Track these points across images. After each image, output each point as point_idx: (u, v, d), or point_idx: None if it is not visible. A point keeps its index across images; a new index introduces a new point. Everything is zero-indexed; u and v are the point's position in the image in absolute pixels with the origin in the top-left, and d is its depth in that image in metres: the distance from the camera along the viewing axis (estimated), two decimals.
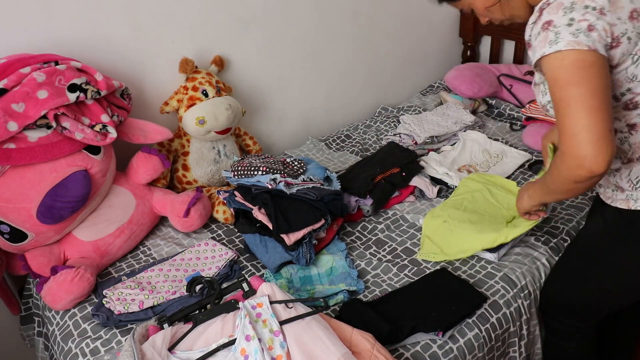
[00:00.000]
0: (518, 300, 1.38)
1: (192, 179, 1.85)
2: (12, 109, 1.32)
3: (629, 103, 1.04)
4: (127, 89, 1.63)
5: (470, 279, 1.42)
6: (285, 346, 0.97)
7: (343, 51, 2.31)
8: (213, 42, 1.90)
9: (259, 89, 2.11)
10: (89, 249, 1.52)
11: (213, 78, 1.82)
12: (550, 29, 0.95)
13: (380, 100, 2.56)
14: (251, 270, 1.54)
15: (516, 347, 1.40)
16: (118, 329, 1.34)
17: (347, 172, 1.87)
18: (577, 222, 1.61)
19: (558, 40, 0.93)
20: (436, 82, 2.70)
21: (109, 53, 1.67)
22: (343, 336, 1.06)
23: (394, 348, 1.23)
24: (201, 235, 1.70)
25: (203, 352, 0.97)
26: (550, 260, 1.48)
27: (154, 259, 1.60)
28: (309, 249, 1.47)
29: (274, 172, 1.55)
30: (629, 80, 1.01)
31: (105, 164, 1.53)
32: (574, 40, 0.92)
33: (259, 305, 1.03)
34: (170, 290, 1.42)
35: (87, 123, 1.44)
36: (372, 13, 2.33)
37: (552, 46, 0.94)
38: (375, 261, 1.53)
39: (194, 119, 1.73)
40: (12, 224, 1.40)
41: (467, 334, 1.27)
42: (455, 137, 2.12)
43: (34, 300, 1.61)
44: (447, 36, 2.72)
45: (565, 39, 0.93)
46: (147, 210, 1.66)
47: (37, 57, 1.43)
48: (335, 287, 1.40)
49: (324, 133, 2.39)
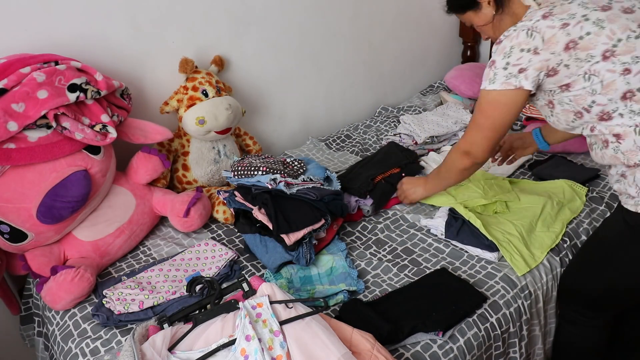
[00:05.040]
0: (518, 300, 1.38)
1: (192, 179, 1.85)
2: (12, 109, 1.32)
3: (602, 114, 1.18)
4: (127, 89, 1.63)
5: (470, 279, 1.42)
6: (285, 346, 0.97)
7: (343, 51, 2.31)
8: (213, 42, 1.90)
9: (259, 89, 2.11)
10: (89, 249, 1.52)
11: (213, 78, 1.82)
12: (492, 68, 1.21)
13: (380, 100, 2.56)
14: (251, 270, 1.54)
15: (516, 347, 1.40)
16: (118, 329, 1.34)
17: (347, 172, 1.87)
18: (577, 223, 1.61)
19: (495, 80, 1.21)
20: (436, 82, 2.70)
21: (109, 53, 1.67)
22: (343, 336, 1.06)
23: (394, 348, 1.22)
24: (201, 235, 1.70)
25: (203, 352, 0.97)
26: (550, 260, 1.48)
27: (154, 259, 1.60)
28: (309, 249, 1.47)
29: (274, 172, 1.55)
30: (591, 94, 1.16)
31: (105, 164, 1.53)
32: (506, 81, 1.19)
33: (259, 305, 1.03)
34: (170, 290, 1.42)
35: (87, 123, 1.44)
36: (372, 13, 2.33)
37: (491, 84, 1.22)
38: (375, 261, 1.52)
39: (194, 118, 1.73)
40: (12, 224, 1.40)
41: (467, 334, 1.27)
42: (456, 137, 2.12)
43: (34, 300, 1.61)
44: (447, 36, 2.72)
45: (499, 81, 1.20)
46: (147, 210, 1.66)
47: (37, 57, 1.43)
48: (335, 287, 1.40)
49: (324, 133, 2.39)
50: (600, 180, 1.80)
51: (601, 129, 1.20)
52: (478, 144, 1.35)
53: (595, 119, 1.20)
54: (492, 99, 1.25)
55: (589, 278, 1.38)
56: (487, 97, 1.26)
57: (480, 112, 1.30)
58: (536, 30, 1.16)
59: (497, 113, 1.26)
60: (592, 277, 1.37)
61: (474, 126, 1.35)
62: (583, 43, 1.13)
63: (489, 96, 1.25)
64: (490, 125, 1.30)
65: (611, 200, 1.70)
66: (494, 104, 1.26)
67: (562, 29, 1.14)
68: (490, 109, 1.27)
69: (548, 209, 1.61)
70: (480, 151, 1.36)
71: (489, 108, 1.27)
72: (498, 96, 1.23)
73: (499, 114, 1.26)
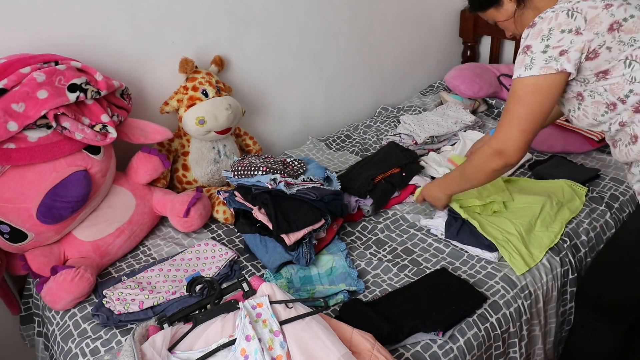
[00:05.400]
0: (518, 300, 1.38)
1: (192, 179, 1.85)
2: (12, 109, 1.32)
3: (638, 105, 1.14)
4: (127, 89, 1.63)
5: (470, 279, 1.42)
6: (285, 346, 0.97)
7: (343, 51, 2.30)
8: (213, 42, 1.90)
9: (259, 89, 2.11)
10: (89, 249, 1.52)
11: (213, 78, 1.82)
12: (528, 53, 1.15)
13: (380, 100, 2.56)
14: (251, 270, 1.54)
15: (516, 347, 1.40)
16: (118, 329, 1.34)
17: (347, 172, 1.87)
18: (577, 223, 1.61)
19: (532, 66, 1.13)
20: (436, 82, 2.70)
21: (109, 53, 1.67)
22: (343, 336, 1.06)
23: (394, 348, 1.22)
24: (201, 235, 1.70)
25: (203, 352, 0.97)
26: (550, 260, 1.48)
27: (154, 259, 1.60)
28: (309, 249, 1.47)
29: (274, 172, 1.55)
30: (629, 82, 1.13)
31: (105, 164, 1.53)
32: (545, 66, 1.12)
33: (259, 305, 1.03)
34: (170, 290, 1.42)
35: (87, 123, 1.44)
36: (372, 13, 2.33)
37: (527, 70, 1.14)
38: (375, 261, 1.52)
39: (194, 119, 1.73)
40: (12, 224, 1.40)
41: (467, 334, 1.27)
42: (456, 137, 2.12)
43: (34, 300, 1.61)
44: (447, 36, 2.71)
45: (537, 66, 1.13)
46: (147, 210, 1.66)
47: (37, 57, 1.43)
48: (335, 287, 1.40)
49: (324, 133, 2.39)
50: (600, 180, 1.80)
51: (635, 121, 1.16)
52: (513, 141, 1.22)
53: (630, 110, 1.16)
54: (529, 85, 1.16)
55: (610, 284, 1.35)
56: (524, 84, 1.17)
57: (515, 102, 1.20)
58: (577, 10, 1.11)
59: (535, 100, 1.16)
60: (613, 283, 1.34)
61: (508, 120, 1.23)
62: (627, 25, 1.10)
63: (525, 83, 1.16)
64: (527, 116, 1.19)
65: (611, 200, 1.70)
66: (532, 91, 1.16)
67: (606, 10, 1.10)
68: (528, 97, 1.17)
69: (547, 208, 1.61)
70: (515, 149, 1.23)
71: (527, 95, 1.17)
72: (537, 81, 1.15)
73: (537, 102, 1.16)
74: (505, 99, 2.40)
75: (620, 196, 1.72)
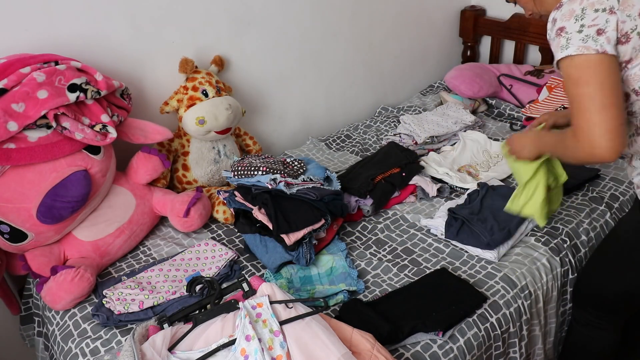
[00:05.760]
0: (518, 300, 1.38)
1: (192, 179, 1.85)
2: (12, 109, 1.32)
3: None
4: (127, 89, 1.63)
5: (470, 279, 1.42)
6: (285, 346, 0.97)
7: (343, 51, 2.31)
8: (213, 42, 1.90)
9: (259, 89, 2.11)
10: (89, 249, 1.52)
11: (213, 78, 1.82)
12: (562, 35, 1.05)
13: (380, 100, 2.56)
14: (251, 270, 1.54)
15: (516, 347, 1.40)
16: (118, 329, 1.34)
17: (347, 172, 1.87)
18: (577, 223, 1.61)
19: (569, 45, 1.04)
20: (436, 82, 2.70)
21: (109, 53, 1.67)
22: (343, 336, 1.06)
23: (394, 348, 1.23)
24: (201, 235, 1.70)
25: (203, 352, 0.97)
26: (550, 260, 1.48)
27: (154, 259, 1.60)
28: (309, 249, 1.47)
29: (274, 172, 1.55)
30: None
31: (105, 164, 1.53)
32: (583, 45, 1.02)
33: (259, 305, 1.03)
34: (170, 290, 1.42)
35: (87, 123, 1.44)
36: (372, 13, 2.33)
37: (564, 51, 1.04)
38: (375, 261, 1.53)
39: (194, 119, 1.73)
40: (12, 224, 1.40)
41: (467, 334, 1.27)
42: (456, 137, 2.12)
43: (34, 300, 1.61)
44: (447, 36, 2.72)
45: (575, 45, 1.03)
46: (147, 210, 1.66)
47: (37, 57, 1.43)
48: (335, 287, 1.40)
49: (324, 133, 2.39)
50: (600, 180, 1.80)
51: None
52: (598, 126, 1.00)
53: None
54: (578, 63, 1.03)
55: (607, 280, 1.35)
56: (572, 64, 1.04)
57: (574, 84, 1.04)
58: None
59: (595, 74, 1.02)
60: (610, 279, 1.34)
61: (578, 111, 1.04)
62: None
63: (570, 62, 1.04)
64: (598, 92, 1.01)
65: (611, 200, 1.70)
66: (585, 65, 1.03)
67: None
68: (585, 72, 1.02)
69: None
70: (607, 140, 1.00)
71: (583, 71, 1.03)
72: (580, 59, 1.02)
73: (598, 75, 1.01)
74: (505, 99, 2.41)
75: (620, 196, 1.72)
